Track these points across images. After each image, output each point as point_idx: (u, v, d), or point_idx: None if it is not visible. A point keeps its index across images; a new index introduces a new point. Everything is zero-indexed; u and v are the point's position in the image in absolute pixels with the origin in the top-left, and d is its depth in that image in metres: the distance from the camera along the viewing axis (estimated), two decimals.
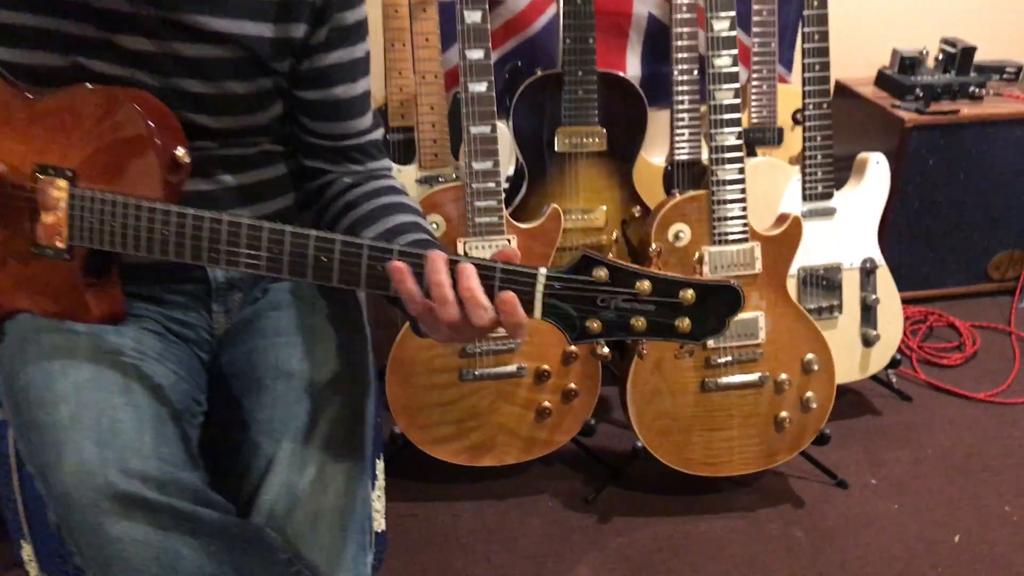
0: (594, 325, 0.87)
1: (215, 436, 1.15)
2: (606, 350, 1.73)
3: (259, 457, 1.05)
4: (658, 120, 2.25)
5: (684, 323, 0.87)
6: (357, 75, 1.17)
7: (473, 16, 1.66)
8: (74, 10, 1.02)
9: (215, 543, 0.97)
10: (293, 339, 1.15)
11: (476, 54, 1.67)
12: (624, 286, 0.86)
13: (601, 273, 0.86)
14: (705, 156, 1.84)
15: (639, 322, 0.87)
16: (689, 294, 0.86)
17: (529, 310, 0.88)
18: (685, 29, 2.01)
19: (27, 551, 1.25)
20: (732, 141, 1.68)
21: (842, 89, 2.60)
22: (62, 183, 1.01)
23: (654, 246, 1.67)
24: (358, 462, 1.09)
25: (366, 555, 1.09)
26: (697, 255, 1.68)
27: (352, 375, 1.14)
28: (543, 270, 0.87)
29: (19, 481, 1.20)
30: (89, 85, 1.02)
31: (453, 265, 0.89)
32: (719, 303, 0.86)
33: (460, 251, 1.71)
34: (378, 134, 1.23)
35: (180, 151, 1.01)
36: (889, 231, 2.23)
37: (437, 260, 0.90)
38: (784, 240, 1.71)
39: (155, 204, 0.97)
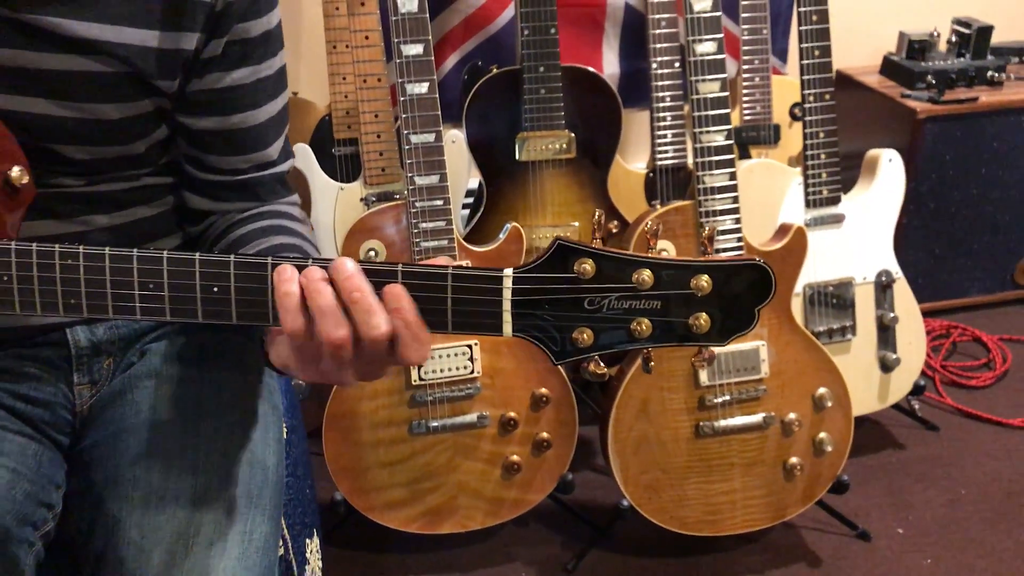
0: (583, 336, 0.74)
1: (74, 541, 0.95)
2: (603, 367, 1.53)
3: (124, 575, 0.87)
4: (640, 122, 2.17)
5: (701, 320, 0.73)
6: (261, 99, 0.98)
7: (409, 4, 1.47)
8: None
9: None
10: (172, 415, 0.99)
11: (414, 49, 1.50)
12: (618, 280, 0.73)
13: (586, 266, 0.72)
14: (692, 160, 1.71)
15: (642, 325, 0.73)
16: (704, 281, 0.72)
17: (497, 326, 0.74)
18: (663, 15, 1.87)
19: None
20: (720, 141, 1.53)
21: (843, 80, 2.49)
22: None
23: None
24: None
25: None
26: None
27: (250, 457, 0.97)
28: (508, 270, 0.74)
29: None
30: None
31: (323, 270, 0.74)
32: (744, 289, 0.73)
33: None
34: (286, 166, 1.06)
35: (15, 171, 0.85)
36: (902, 236, 2.10)
37: (311, 269, 0.74)
38: (786, 255, 1.57)
39: None
